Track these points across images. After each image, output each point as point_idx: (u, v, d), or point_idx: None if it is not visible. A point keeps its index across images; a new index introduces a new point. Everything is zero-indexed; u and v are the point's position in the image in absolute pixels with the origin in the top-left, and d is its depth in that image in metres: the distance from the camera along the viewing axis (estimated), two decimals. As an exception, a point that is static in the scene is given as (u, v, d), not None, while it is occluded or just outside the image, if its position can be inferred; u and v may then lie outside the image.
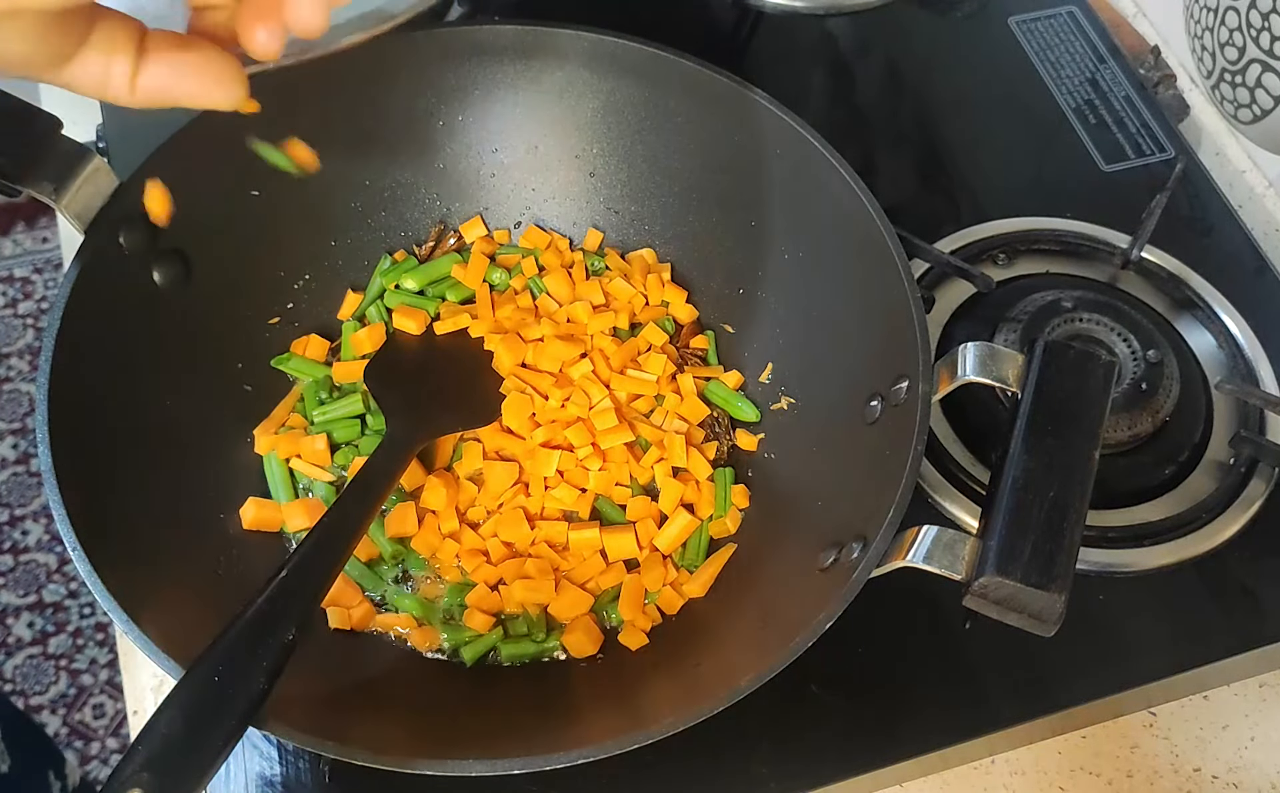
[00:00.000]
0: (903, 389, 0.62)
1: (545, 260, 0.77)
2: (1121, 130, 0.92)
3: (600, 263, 0.77)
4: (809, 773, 0.63)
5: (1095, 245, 0.84)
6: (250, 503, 0.67)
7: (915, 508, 0.56)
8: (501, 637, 0.65)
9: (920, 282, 0.79)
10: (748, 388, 0.75)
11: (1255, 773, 0.67)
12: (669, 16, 0.92)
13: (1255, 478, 0.74)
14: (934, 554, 0.53)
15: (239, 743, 0.48)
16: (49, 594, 1.64)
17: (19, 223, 1.97)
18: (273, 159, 0.57)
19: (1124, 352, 0.75)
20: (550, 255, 0.77)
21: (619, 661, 0.65)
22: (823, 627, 0.54)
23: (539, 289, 0.76)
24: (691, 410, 0.72)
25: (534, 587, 0.65)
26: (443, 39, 0.74)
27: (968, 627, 0.67)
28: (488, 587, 0.66)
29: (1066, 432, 0.55)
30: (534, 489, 0.69)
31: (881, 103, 0.96)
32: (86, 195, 0.63)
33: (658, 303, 0.76)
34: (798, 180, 0.70)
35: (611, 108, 0.76)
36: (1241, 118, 0.90)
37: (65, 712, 1.55)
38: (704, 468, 0.70)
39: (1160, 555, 0.71)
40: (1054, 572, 0.51)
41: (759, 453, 0.72)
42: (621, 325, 0.75)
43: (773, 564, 0.66)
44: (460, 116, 0.77)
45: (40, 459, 0.57)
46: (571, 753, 0.52)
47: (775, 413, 0.73)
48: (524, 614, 0.65)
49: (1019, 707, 0.66)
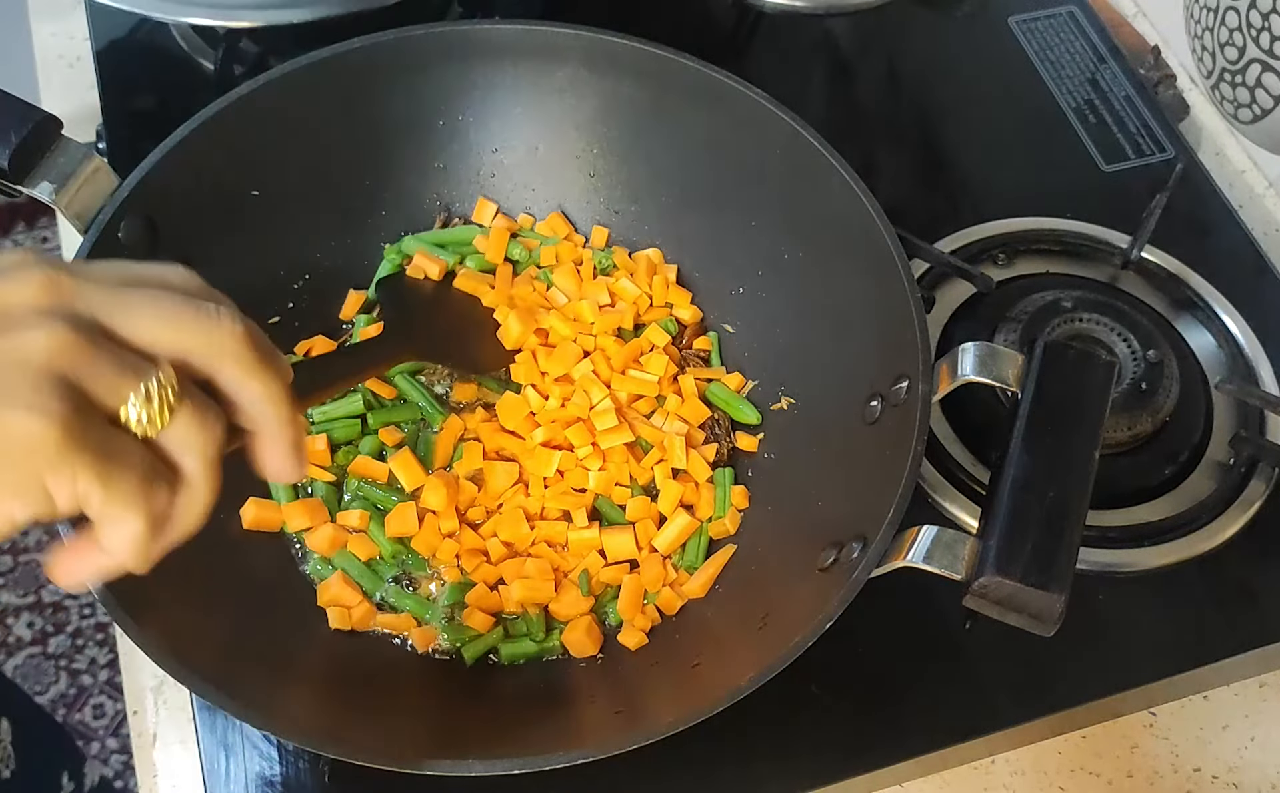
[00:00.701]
0: (903, 389, 0.61)
1: (560, 252, 0.77)
2: (1121, 130, 0.92)
3: (608, 260, 0.77)
4: (809, 773, 0.63)
5: (1095, 245, 0.84)
6: (251, 503, 0.67)
7: (915, 508, 0.56)
8: (502, 637, 0.65)
9: (920, 282, 0.79)
10: (747, 388, 0.75)
11: (1255, 773, 0.67)
12: (669, 16, 0.92)
13: (1255, 478, 0.74)
14: (934, 554, 0.53)
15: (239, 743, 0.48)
16: (49, 594, 1.64)
17: (19, 223, 1.97)
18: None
19: (1124, 352, 0.75)
20: (566, 248, 0.77)
21: (619, 661, 0.65)
22: (822, 627, 0.54)
23: (548, 281, 0.76)
24: (692, 412, 0.72)
25: (534, 586, 0.65)
26: (443, 39, 0.74)
27: (968, 627, 0.67)
28: (487, 587, 0.66)
29: (1066, 432, 0.55)
30: (534, 489, 0.69)
31: (881, 103, 0.96)
32: (87, 195, 0.63)
33: (662, 303, 0.76)
34: (798, 180, 0.70)
35: (612, 108, 0.76)
36: (1241, 118, 0.90)
37: (65, 712, 1.55)
38: (703, 470, 0.70)
39: (1160, 555, 0.71)
40: (1054, 572, 0.51)
41: (759, 453, 0.72)
42: (626, 326, 0.75)
43: (773, 564, 0.66)
44: (461, 116, 0.77)
45: (40, 459, 0.57)
46: (571, 753, 0.52)
47: (775, 413, 0.73)
48: (524, 614, 0.65)
49: (1019, 707, 0.66)
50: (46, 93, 0.94)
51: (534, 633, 0.65)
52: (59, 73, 0.94)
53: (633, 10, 0.78)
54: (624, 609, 0.66)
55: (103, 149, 0.83)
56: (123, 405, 0.38)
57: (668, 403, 0.72)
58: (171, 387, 0.38)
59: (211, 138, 0.68)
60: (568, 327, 0.73)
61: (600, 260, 0.77)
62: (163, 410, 0.38)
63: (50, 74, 0.94)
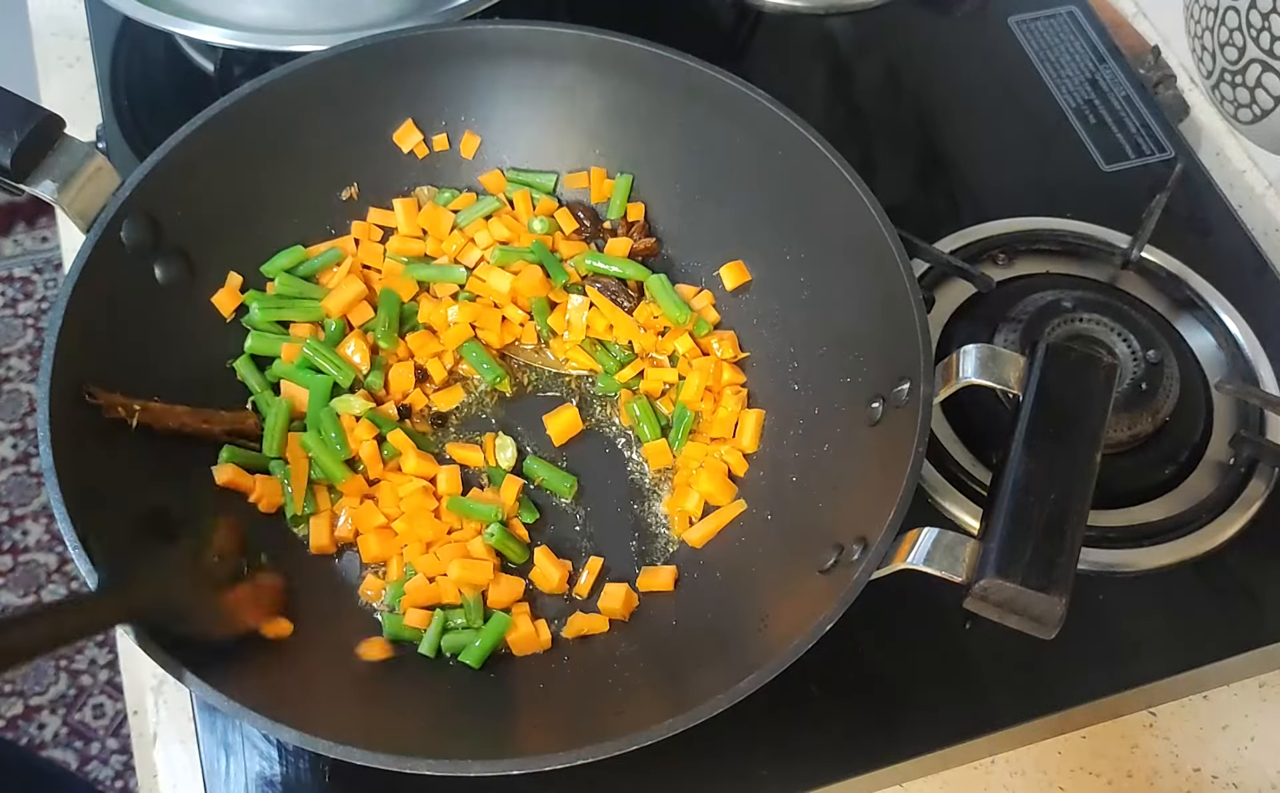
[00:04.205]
0: (904, 391, 0.61)
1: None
2: (1121, 130, 0.92)
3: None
4: (809, 773, 0.63)
5: (1095, 245, 0.84)
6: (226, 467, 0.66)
7: (916, 509, 0.56)
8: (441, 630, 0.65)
9: (920, 281, 0.79)
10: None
11: (1255, 773, 0.67)
12: (669, 16, 0.92)
13: (1255, 478, 0.74)
14: (934, 556, 0.53)
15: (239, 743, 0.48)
16: (49, 594, 1.64)
17: (19, 223, 1.97)
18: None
19: (1124, 352, 0.75)
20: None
21: (619, 663, 0.65)
22: (823, 628, 0.54)
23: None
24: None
25: (472, 567, 0.65)
26: (446, 39, 0.74)
27: (968, 627, 0.67)
28: (426, 579, 0.66)
29: (1068, 435, 0.55)
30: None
31: (881, 102, 0.96)
32: (89, 194, 0.63)
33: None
34: (798, 180, 0.70)
35: (614, 108, 0.76)
36: (1241, 118, 0.90)
37: (65, 712, 1.55)
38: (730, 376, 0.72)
39: (1160, 555, 0.71)
40: (1054, 575, 0.51)
41: (759, 453, 0.72)
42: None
43: (773, 565, 0.66)
44: (463, 116, 0.77)
45: (41, 459, 0.57)
46: (571, 753, 0.52)
47: (775, 412, 0.73)
48: (464, 602, 0.65)
49: (1019, 707, 0.66)
50: (46, 93, 0.94)
51: (471, 621, 0.64)
52: (59, 73, 0.94)
53: (634, 11, 0.78)
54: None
55: (103, 148, 0.83)
56: None
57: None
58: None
59: (213, 138, 0.68)
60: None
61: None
62: None
63: (50, 74, 0.94)
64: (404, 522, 0.67)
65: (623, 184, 0.78)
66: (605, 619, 0.66)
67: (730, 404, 0.72)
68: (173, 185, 0.66)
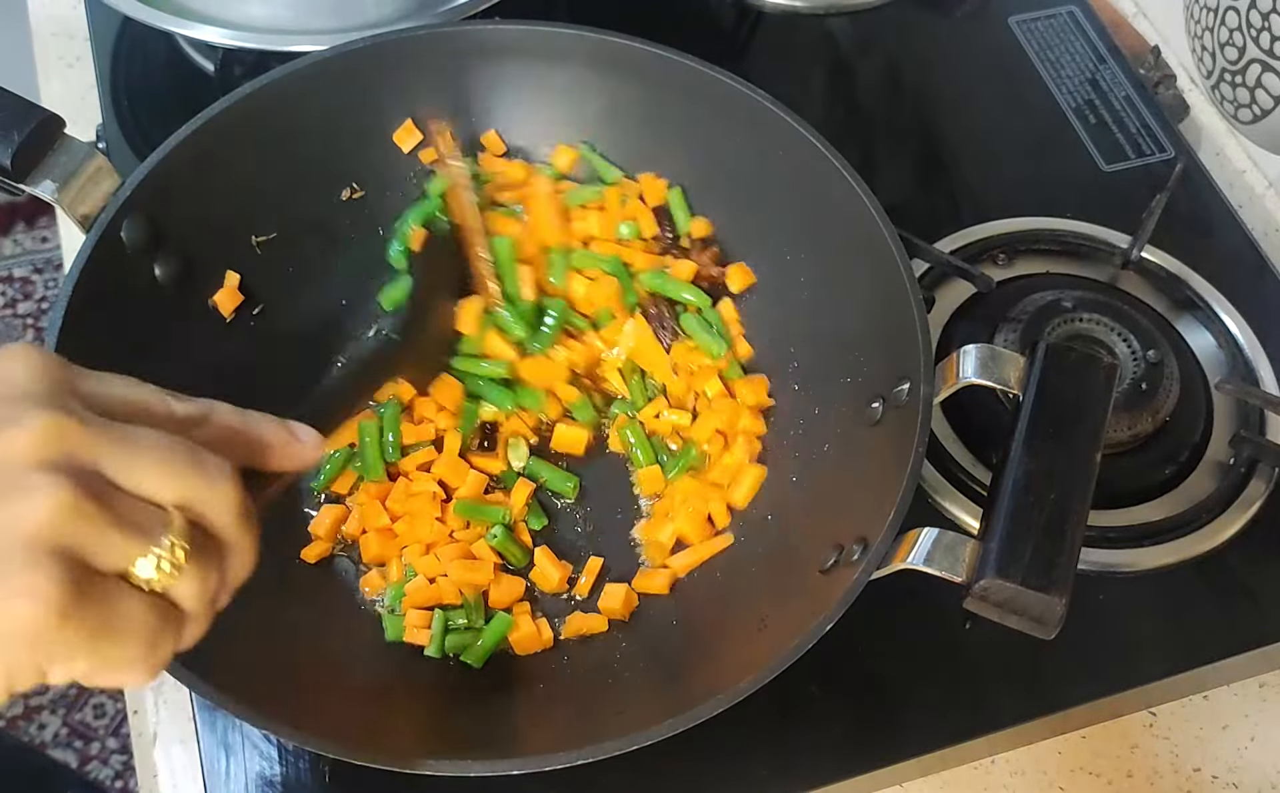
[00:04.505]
0: (904, 391, 0.61)
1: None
2: (1121, 130, 0.92)
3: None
4: (809, 773, 0.63)
5: (1095, 245, 0.84)
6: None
7: (916, 509, 0.56)
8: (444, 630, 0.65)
9: (920, 281, 0.79)
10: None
11: (1255, 773, 0.67)
12: (669, 16, 0.92)
13: (1255, 478, 0.74)
14: (934, 556, 0.53)
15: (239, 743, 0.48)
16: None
17: (19, 223, 1.97)
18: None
19: (1124, 352, 0.75)
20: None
21: (619, 663, 0.65)
22: (823, 628, 0.54)
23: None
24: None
25: (473, 567, 0.65)
26: (446, 39, 0.74)
27: (968, 627, 0.67)
28: (426, 580, 0.66)
29: (1068, 435, 0.55)
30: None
31: (881, 102, 0.96)
32: (90, 195, 0.63)
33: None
34: (798, 180, 0.70)
35: (614, 109, 0.76)
36: (1241, 118, 0.90)
37: (65, 712, 1.55)
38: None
39: (1160, 555, 0.71)
40: (1055, 575, 0.51)
41: (760, 454, 0.72)
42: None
43: (773, 566, 0.66)
44: (463, 116, 0.77)
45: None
46: (571, 754, 0.52)
47: (776, 412, 0.73)
48: (465, 602, 0.65)
49: (1019, 707, 0.66)
50: (46, 93, 0.94)
51: (473, 620, 0.64)
52: (59, 73, 0.94)
53: (633, 11, 0.78)
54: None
55: (103, 148, 0.83)
56: (130, 567, 0.37)
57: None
58: (183, 547, 0.38)
59: (214, 137, 0.68)
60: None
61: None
62: (173, 572, 0.37)
63: (50, 74, 0.94)
64: (405, 523, 0.67)
65: (676, 197, 0.76)
66: (605, 619, 0.66)
67: (738, 453, 0.70)
68: (173, 185, 0.66)
